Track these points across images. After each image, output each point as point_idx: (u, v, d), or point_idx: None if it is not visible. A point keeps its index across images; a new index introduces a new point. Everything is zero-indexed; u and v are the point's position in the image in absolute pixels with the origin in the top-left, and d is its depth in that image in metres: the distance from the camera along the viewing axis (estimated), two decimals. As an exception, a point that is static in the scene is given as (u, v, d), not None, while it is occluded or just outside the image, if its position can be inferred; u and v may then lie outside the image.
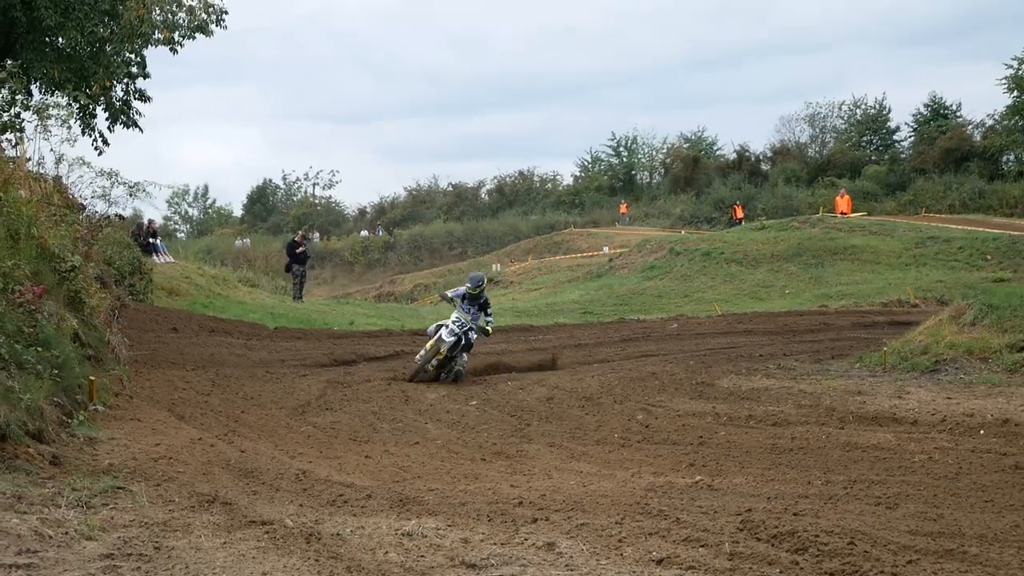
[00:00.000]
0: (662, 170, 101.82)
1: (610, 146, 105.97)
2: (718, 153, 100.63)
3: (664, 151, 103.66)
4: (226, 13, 24.09)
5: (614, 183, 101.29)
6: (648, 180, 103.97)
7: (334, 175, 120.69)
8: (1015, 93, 69.28)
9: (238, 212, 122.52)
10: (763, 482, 10.79)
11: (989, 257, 42.01)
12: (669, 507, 9.16)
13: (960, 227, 49.75)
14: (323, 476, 10.74)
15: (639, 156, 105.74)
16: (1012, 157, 75.34)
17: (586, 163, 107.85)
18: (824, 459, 12.04)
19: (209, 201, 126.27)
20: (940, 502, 9.66)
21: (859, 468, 11.42)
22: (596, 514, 8.66)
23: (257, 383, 18.19)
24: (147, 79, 25.56)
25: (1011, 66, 68.36)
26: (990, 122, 77.08)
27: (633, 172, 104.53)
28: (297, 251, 38.37)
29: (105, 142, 25.32)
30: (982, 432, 13.39)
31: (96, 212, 22.49)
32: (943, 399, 15.83)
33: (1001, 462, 11.49)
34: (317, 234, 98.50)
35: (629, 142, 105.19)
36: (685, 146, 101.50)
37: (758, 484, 10.69)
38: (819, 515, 8.91)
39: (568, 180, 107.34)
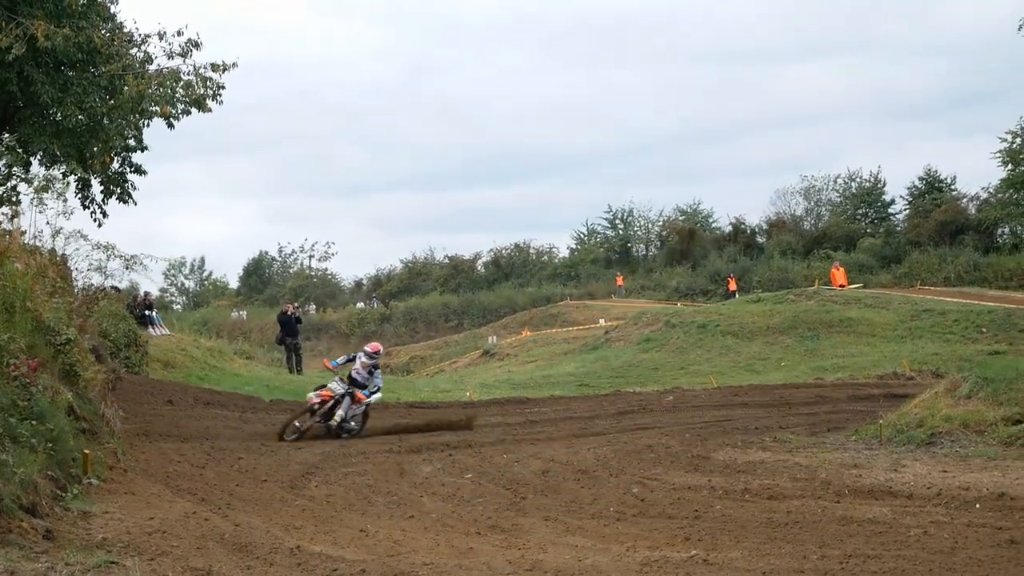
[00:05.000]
0: (658, 243, 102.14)
1: (606, 219, 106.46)
2: (714, 226, 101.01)
3: (660, 224, 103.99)
4: (223, 88, 24.19)
5: (610, 255, 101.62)
6: (644, 253, 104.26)
7: (330, 247, 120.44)
8: (1009, 166, 69.76)
9: (234, 284, 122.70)
10: (758, 556, 10.75)
11: (984, 330, 42.00)
12: (664, 582, 9.14)
13: (955, 300, 49.78)
14: (317, 550, 10.71)
15: (635, 229, 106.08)
16: (1007, 230, 75.65)
17: (582, 236, 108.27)
18: (820, 533, 11.99)
19: (205, 273, 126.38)
20: (936, 577, 9.64)
21: (855, 542, 11.37)
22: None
23: (252, 456, 18.17)
24: (144, 151, 25.67)
25: (1005, 139, 68.87)
26: (984, 195, 77.51)
27: (629, 245, 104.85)
28: (297, 323, 38.58)
29: (104, 214, 25.41)
30: (978, 506, 13.36)
31: (92, 285, 22.57)
32: (939, 472, 15.80)
33: (997, 536, 11.44)
34: (313, 306, 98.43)
35: (625, 215, 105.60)
36: (681, 219, 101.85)
37: (754, 559, 10.65)
38: (814, 590, 8.90)
39: (564, 252, 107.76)
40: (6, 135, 23.86)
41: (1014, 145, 68.94)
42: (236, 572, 9.36)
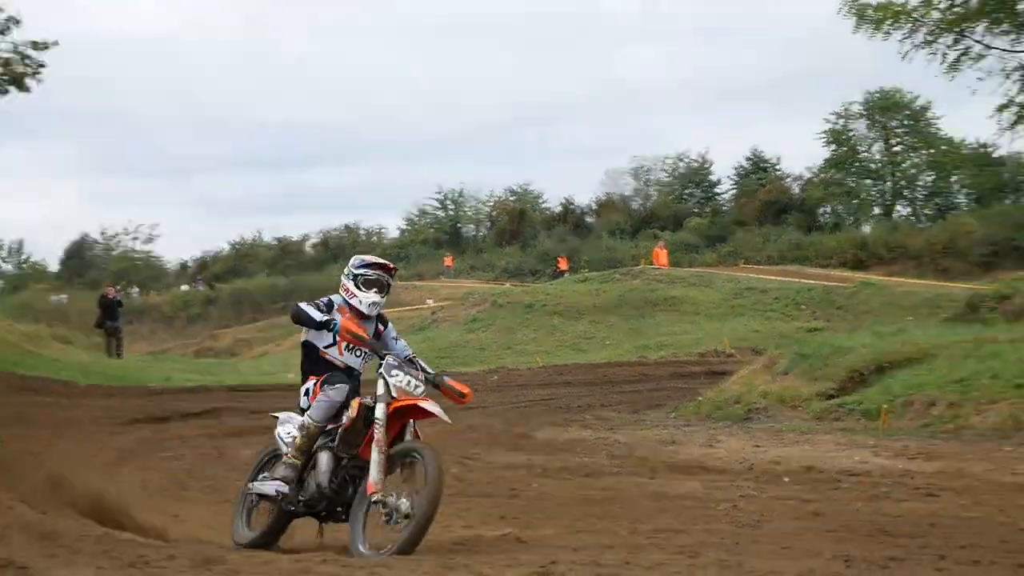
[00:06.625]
0: (488, 223, 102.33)
1: (436, 199, 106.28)
2: (544, 206, 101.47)
3: (490, 204, 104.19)
4: (43, 66, 23.64)
5: (440, 236, 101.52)
6: (474, 233, 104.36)
7: (154, 229, 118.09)
8: (832, 146, 71.59)
9: (55, 267, 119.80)
10: (571, 533, 10.83)
11: (803, 307, 42.93)
12: (473, 561, 9.14)
13: (776, 278, 50.74)
14: (126, 537, 10.51)
15: (465, 209, 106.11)
16: (829, 209, 77.56)
17: (412, 216, 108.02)
18: (633, 509, 12.12)
19: (24, 256, 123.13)
20: (741, 550, 9.77)
21: (666, 517, 11.52)
22: (399, 569, 8.60)
23: (66, 442, 17.76)
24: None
25: (829, 120, 70.71)
26: (808, 175, 79.27)
27: (459, 225, 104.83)
28: (118, 306, 38.02)
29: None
30: (786, 479, 13.67)
31: None
32: (752, 447, 16.12)
33: (802, 509, 11.72)
34: (136, 289, 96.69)
35: (455, 195, 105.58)
36: (511, 199, 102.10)
37: (566, 535, 10.72)
38: (622, 565, 8.96)
39: (394, 233, 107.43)
40: None
41: (837, 125, 70.82)
42: (39, 561, 9.10)
